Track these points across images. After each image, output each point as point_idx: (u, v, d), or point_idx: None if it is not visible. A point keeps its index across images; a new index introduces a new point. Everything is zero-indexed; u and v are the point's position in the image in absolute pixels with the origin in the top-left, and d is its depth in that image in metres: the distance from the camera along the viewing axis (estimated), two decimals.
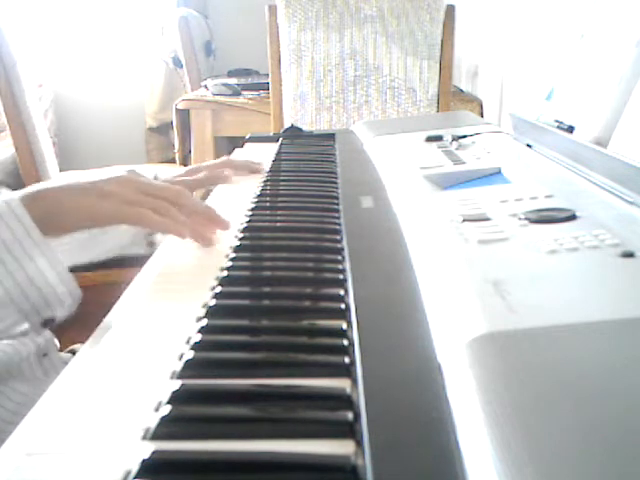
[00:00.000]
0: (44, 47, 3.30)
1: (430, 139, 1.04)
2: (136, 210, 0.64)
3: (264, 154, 1.11)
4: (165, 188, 0.68)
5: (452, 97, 2.10)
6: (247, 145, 1.28)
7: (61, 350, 0.80)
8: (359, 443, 0.35)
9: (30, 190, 0.63)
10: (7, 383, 0.67)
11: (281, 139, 1.27)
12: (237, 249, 0.65)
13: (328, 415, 0.37)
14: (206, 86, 2.46)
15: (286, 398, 0.39)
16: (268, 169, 1.02)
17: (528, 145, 0.95)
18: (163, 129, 3.39)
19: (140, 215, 0.64)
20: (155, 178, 0.98)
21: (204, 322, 0.49)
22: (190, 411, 0.38)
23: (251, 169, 1.02)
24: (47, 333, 0.71)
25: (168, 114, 2.98)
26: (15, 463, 0.34)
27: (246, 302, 0.55)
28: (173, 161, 2.74)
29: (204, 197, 0.96)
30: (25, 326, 0.60)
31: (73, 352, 0.83)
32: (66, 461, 0.34)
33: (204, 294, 0.55)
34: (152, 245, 0.74)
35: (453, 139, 1.01)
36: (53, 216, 0.62)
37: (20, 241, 0.59)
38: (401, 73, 2.00)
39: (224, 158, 1.07)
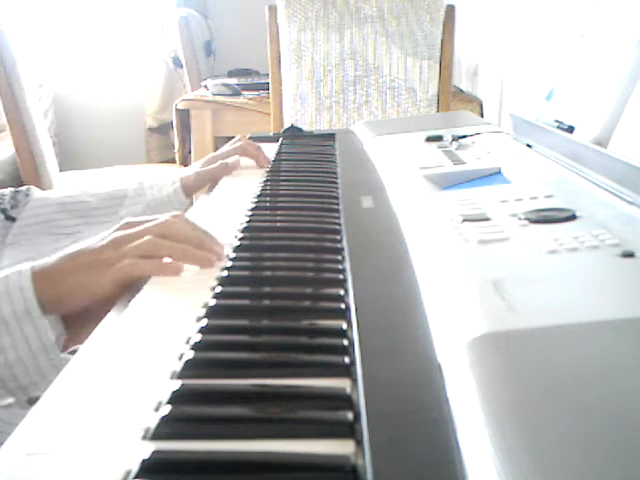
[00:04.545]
0: (44, 47, 3.30)
1: (430, 139, 1.04)
2: (125, 265, 0.61)
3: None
4: (155, 227, 0.65)
5: (452, 97, 2.10)
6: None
7: (62, 350, 0.79)
8: (359, 443, 0.35)
9: (41, 265, 0.62)
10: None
11: (281, 139, 1.27)
12: (237, 249, 0.65)
13: (328, 415, 0.37)
14: (206, 86, 2.46)
15: (286, 398, 0.39)
16: (268, 169, 1.03)
17: (528, 145, 0.95)
18: (163, 129, 3.39)
19: (130, 268, 0.61)
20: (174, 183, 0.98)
21: (204, 322, 0.49)
22: (190, 411, 0.38)
23: (258, 162, 1.08)
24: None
25: (168, 114, 2.99)
26: (15, 463, 0.34)
27: (246, 302, 0.55)
28: (173, 161, 2.74)
29: (210, 189, 0.98)
30: (10, 400, 0.60)
31: (73, 352, 0.82)
32: (66, 461, 0.34)
33: (204, 294, 0.55)
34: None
35: (453, 139, 1.01)
36: (58, 298, 0.61)
37: (20, 322, 0.58)
38: (401, 73, 2.00)
39: (237, 143, 1.10)
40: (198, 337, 0.46)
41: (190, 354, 0.44)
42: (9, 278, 0.60)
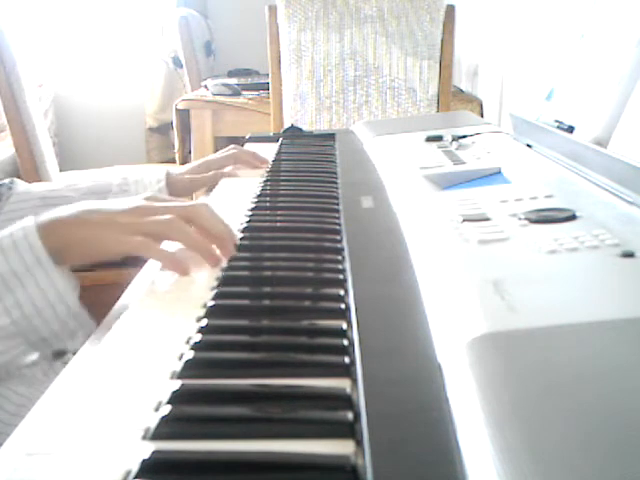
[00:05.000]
0: (44, 47, 3.30)
1: (430, 139, 1.04)
2: (138, 240, 0.61)
3: (264, 154, 1.11)
4: (181, 208, 0.65)
5: (452, 97, 2.10)
6: (247, 145, 1.28)
7: None
8: (359, 443, 0.35)
9: (47, 218, 0.62)
10: (6, 385, 0.67)
11: (281, 139, 1.27)
12: (237, 249, 0.65)
13: (328, 415, 0.37)
14: (206, 86, 2.46)
15: (286, 398, 0.39)
16: (268, 169, 1.02)
17: (528, 145, 0.95)
18: (163, 129, 3.39)
19: (142, 246, 0.61)
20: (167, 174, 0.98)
21: (204, 322, 0.49)
22: (190, 411, 0.38)
23: (254, 166, 1.07)
24: None
25: (168, 114, 2.99)
26: (15, 463, 0.34)
27: (246, 302, 0.55)
28: (173, 161, 2.74)
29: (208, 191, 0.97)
30: (35, 356, 0.59)
31: (73, 352, 0.82)
32: (66, 461, 0.34)
33: (204, 294, 0.55)
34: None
35: (453, 139, 1.01)
36: (66, 248, 0.60)
37: (32, 273, 0.58)
38: (401, 73, 2.00)
39: (231, 150, 1.09)
40: (198, 337, 0.46)
41: (190, 354, 0.44)
42: (14, 233, 0.60)
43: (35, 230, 0.59)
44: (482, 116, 2.16)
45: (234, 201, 0.87)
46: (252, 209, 0.79)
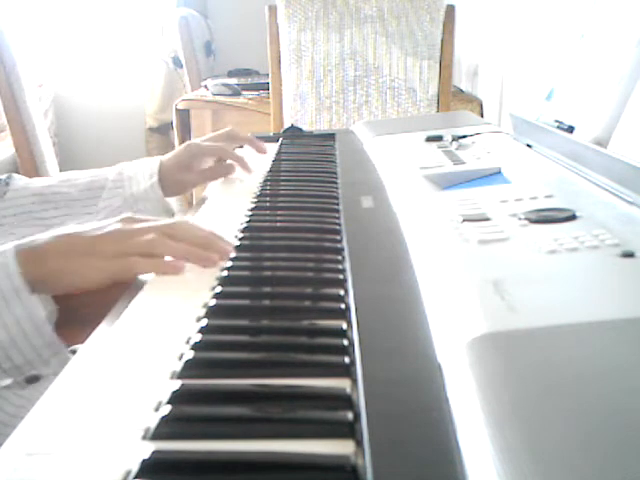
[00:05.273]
0: (44, 47, 3.30)
1: (430, 139, 1.04)
2: (125, 261, 0.61)
3: (264, 154, 1.11)
4: (161, 226, 0.64)
5: (452, 97, 2.10)
6: (247, 145, 1.28)
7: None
8: (359, 443, 0.35)
9: (27, 246, 0.60)
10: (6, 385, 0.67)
11: (281, 139, 1.27)
12: (237, 249, 0.65)
13: (328, 415, 0.37)
14: (206, 86, 2.46)
15: (286, 398, 0.39)
16: (268, 169, 1.02)
17: (528, 145, 0.95)
18: (163, 129, 3.39)
19: (130, 265, 0.61)
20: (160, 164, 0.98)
21: (204, 322, 0.49)
22: (190, 411, 0.38)
23: (253, 145, 1.07)
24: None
25: (168, 114, 2.99)
26: (15, 463, 0.34)
27: (246, 302, 0.55)
28: None
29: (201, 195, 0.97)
30: (7, 382, 0.59)
31: (73, 352, 0.82)
32: (66, 461, 0.34)
33: (204, 294, 0.55)
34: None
35: (453, 139, 1.01)
36: (47, 278, 0.60)
37: (8, 302, 0.57)
38: (401, 73, 2.00)
39: (220, 143, 1.05)
40: (198, 337, 0.46)
41: (190, 354, 0.44)
42: None
43: (14, 258, 0.58)
44: (482, 116, 2.16)
45: (234, 201, 0.87)
46: (252, 209, 0.79)
